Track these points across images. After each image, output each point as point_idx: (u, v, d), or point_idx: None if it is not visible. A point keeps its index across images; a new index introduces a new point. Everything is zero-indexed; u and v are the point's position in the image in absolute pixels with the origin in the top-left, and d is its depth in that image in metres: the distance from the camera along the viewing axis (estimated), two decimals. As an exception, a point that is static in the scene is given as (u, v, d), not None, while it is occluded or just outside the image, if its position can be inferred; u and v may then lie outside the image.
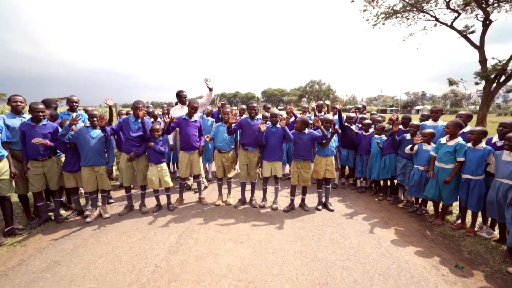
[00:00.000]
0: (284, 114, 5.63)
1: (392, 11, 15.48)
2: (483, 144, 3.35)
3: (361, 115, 5.55)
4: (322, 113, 5.57)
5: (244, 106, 5.94)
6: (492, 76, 13.01)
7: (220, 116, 4.70)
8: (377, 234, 3.55)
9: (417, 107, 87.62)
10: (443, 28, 14.54)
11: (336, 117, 5.04)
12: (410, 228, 3.78)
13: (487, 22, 12.84)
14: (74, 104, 4.43)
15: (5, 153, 3.29)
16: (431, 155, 3.85)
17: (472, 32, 13.86)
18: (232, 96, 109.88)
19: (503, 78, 12.90)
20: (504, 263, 2.87)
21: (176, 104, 5.29)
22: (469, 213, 3.70)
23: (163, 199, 4.36)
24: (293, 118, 5.56)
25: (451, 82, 15.75)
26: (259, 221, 3.87)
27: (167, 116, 5.61)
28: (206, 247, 3.11)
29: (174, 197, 4.56)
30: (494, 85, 13.21)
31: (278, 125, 4.17)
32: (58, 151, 3.84)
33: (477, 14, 13.04)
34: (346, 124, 5.10)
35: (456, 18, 14.05)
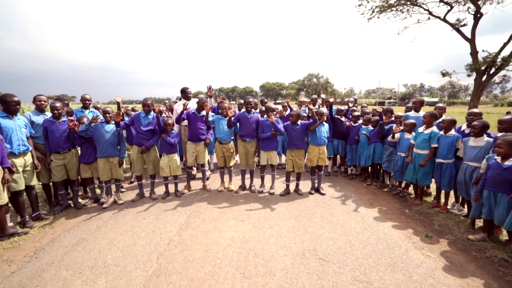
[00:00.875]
0: (280, 107, 6.06)
1: (387, 4, 15.73)
2: (452, 132, 3.81)
3: (351, 108, 5.99)
4: (316, 106, 5.99)
5: (242, 101, 6.35)
6: (483, 68, 13.42)
7: (219, 111, 5.12)
8: (361, 212, 4.03)
9: (414, 99, 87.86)
10: (439, 21, 14.85)
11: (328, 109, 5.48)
12: (392, 207, 4.26)
13: (478, 15, 13.18)
14: (87, 102, 4.84)
15: (30, 147, 3.72)
16: (411, 143, 4.30)
17: (464, 25, 14.20)
18: (230, 91, 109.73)
19: (493, 70, 13.31)
20: (466, 232, 3.36)
21: (180, 99, 5.70)
22: (444, 193, 4.18)
23: (171, 188, 4.82)
24: (288, 111, 5.99)
25: (444, 74, 16.14)
26: (258, 203, 4.34)
27: (170, 112, 6.04)
28: (212, 224, 3.59)
29: (180, 186, 5.02)
30: (485, 77, 13.63)
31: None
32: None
33: (468, 8, 13.36)
34: (336, 116, 5.54)
35: (448, 11, 14.36)
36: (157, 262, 2.74)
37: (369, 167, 5.42)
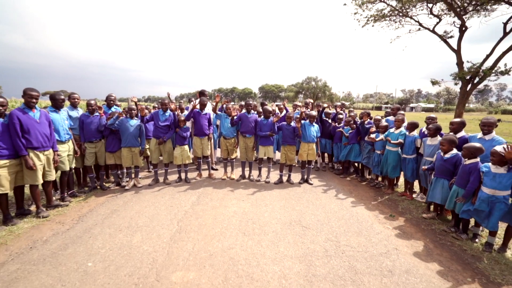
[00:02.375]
0: (276, 109, 6.91)
1: (381, 14, 16.68)
2: (414, 133, 4.68)
3: (338, 111, 6.85)
4: (308, 109, 6.83)
5: (243, 103, 7.24)
6: (468, 78, 14.39)
7: (223, 111, 5.91)
8: (341, 198, 4.88)
9: (411, 105, 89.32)
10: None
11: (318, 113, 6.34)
12: (368, 195, 5.11)
13: (463, 28, 14.18)
14: (111, 101, 5.65)
15: (71, 135, 4.53)
16: (384, 140, 5.16)
17: (451, 37, 15.20)
18: (229, 92, 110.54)
19: (477, 79, 14.29)
20: (423, 213, 4.21)
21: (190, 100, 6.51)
22: (409, 184, 5.04)
23: (182, 175, 5.64)
24: (284, 112, 6.83)
25: (433, 83, 17.13)
26: (256, 188, 5.18)
27: (179, 111, 6.86)
28: (218, 202, 4.42)
29: (189, 175, 5.84)
30: (470, 86, 14.61)
31: (270, 119, 5.46)
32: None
33: (454, 21, 14.35)
34: (324, 118, 6.40)
35: (437, 23, 15.36)
36: (178, 225, 3.57)
37: (344, 163, 6.26)
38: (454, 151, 3.66)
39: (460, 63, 14.72)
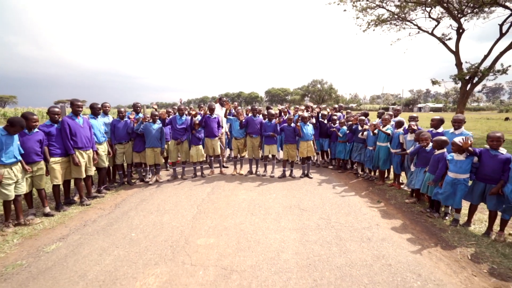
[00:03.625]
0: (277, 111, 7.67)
1: (381, 19, 17.30)
2: (400, 130, 5.35)
3: (332, 113, 7.56)
4: (308, 111, 7.56)
5: (249, 107, 8.05)
6: (467, 78, 14.83)
7: (232, 114, 6.72)
8: (337, 189, 5.56)
9: (419, 105, 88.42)
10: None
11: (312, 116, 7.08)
12: (361, 186, 5.78)
13: (460, 30, 14.67)
14: (138, 108, 6.52)
15: (106, 137, 5.39)
16: (374, 136, 5.82)
17: (449, 39, 15.68)
18: (236, 96, 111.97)
19: (476, 79, 14.71)
20: (406, 198, 4.86)
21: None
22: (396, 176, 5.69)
23: (197, 171, 6.44)
24: (288, 115, 7.58)
25: (433, 82, 17.58)
26: (261, 182, 5.92)
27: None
28: (230, 192, 5.19)
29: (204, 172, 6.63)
30: (469, 86, 15.03)
31: (273, 121, 6.23)
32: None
33: (450, 24, 14.87)
34: (320, 120, 7.13)
35: (436, 26, 15.89)
36: (197, 208, 4.35)
37: (340, 160, 6.96)
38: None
39: (459, 64, 15.17)
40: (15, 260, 2.97)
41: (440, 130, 4.67)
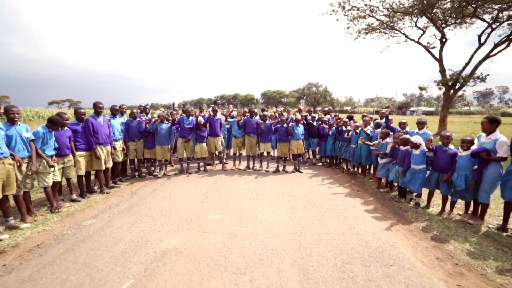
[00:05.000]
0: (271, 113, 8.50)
1: (370, 28, 18.33)
2: (378, 130, 6.20)
3: (320, 116, 8.42)
4: (299, 114, 8.40)
5: (246, 109, 8.87)
6: (450, 84, 15.90)
7: (232, 117, 7.52)
8: (324, 181, 6.39)
9: (411, 109, 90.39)
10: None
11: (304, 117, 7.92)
12: (344, 180, 6.61)
13: (443, 40, 15.77)
14: (147, 109, 7.27)
15: (122, 135, 6.14)
16: (357, 135, 6.67)
17: (434, 47, 16.79)
18: (232, 98, 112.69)
19: (458, 85, 15.80)
20: (381, 188, 5.71)
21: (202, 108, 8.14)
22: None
23: (201, 166, 7.21)
24: (282, 116, 8.42)
25: (421, 88, 18.68)
26: (258, 175, 6.72)
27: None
28: (231, 183, 5.98)
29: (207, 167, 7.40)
30: (452, 91, 16.10)
31: (267, 121, 7.05)
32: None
33: (434, 34, 15.96)
34: (310, 121, 7.98)
35: (422, 35, 16.99)
36: (204, 195, 5.13)
37: (329, 157, 7.81)
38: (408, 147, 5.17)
39: (442, 70, 16.27)
40: (61, 231, 3.71)
41: (407, 130, 5.54)
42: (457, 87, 15.84)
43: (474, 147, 4.00)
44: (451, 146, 4.34)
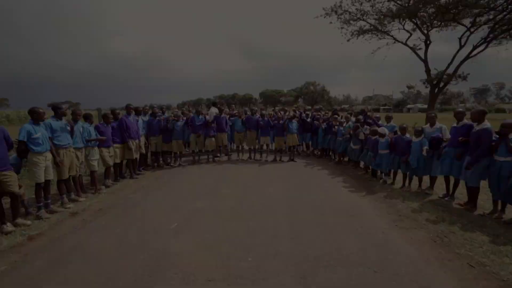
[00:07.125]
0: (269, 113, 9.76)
1: (362, 30, 19.54)
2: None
3: (315, 113, 9.70)
4: (295, 112, 9.67)
5: (246, 108, 10.18)
6: (435, 83, 17.19)
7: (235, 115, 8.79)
8: (315, 169, 7.64)
9: (408, 106, 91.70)
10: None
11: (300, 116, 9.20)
12: (335, 169, 7.86)
13: (428, 42, 17.04)
14: (163, 110, 8.52)
15: (144, 132, 7.39)
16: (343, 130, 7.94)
17: (420, 48, 18.05)
18: (231, 97, 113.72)
19: (442, 84, 17.08)
20: (359, 172, 6.98)
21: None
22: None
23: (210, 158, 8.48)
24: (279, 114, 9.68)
25: (409, 87, 19.98)
26: (258, 164, 8.00)
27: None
28: (236, 170, 7.28)
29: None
30: (436, 89, 17.39)
31: (265, 118, 8.34)
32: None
33: (419, 37, 17.23)
34: (303, 118, 9.26)
35: (409, 37, 18.25)
36: (216, 177, 6.42)
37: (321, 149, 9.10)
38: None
39: (427, 70, 17.54)
40: (112, 202, 4.97)
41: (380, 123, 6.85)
42: (441, 85, 17.13)
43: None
44: (407, 135, 5.62)
